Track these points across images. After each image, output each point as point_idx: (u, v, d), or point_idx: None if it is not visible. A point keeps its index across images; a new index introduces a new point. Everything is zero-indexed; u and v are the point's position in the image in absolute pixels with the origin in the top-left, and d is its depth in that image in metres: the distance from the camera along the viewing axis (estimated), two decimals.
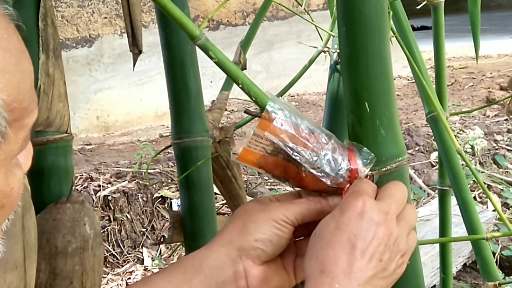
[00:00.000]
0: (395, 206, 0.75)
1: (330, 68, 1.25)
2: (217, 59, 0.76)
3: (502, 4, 11.05)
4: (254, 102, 0.77)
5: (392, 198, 0.75)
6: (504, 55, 6.71)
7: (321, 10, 5.64)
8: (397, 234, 0.74)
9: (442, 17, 1.26)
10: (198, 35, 0.75)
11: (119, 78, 4.73)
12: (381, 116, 0.78)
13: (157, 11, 1.15)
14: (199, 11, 5.09)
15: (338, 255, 0.71)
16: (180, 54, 1.12)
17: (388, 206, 0.74)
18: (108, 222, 3.11)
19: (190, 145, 1.15)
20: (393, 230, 0.74)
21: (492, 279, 1.20)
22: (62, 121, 1.05)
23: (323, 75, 1.37)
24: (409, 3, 1.38)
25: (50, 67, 1.03)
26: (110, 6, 4.72)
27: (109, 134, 4.69)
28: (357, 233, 0.71)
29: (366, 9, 0.75)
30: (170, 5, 0.75)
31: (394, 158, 0.80)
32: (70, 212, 1.04)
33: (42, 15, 1.02)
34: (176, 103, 1.14)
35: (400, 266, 0.75)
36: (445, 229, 1.41)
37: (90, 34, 4.66)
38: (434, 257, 2.60)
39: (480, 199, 3.49)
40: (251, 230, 0.77)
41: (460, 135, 4.01)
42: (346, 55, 0.78)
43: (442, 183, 1.39)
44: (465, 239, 1.72)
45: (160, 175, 3.32)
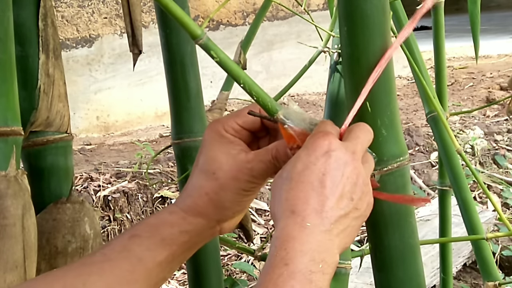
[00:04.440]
0: (361, 147, 0.74)
1: (330, 68, 1.25)
2: (219, 58, 0.76)
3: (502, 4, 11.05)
4: (256, 102, 0.77)
5: (357, 139, 0.74)
6: (504, 55, 6.71)
7: (321, 10, 5.64)
8: (364, 174, 0.73)
9: (442, 17, 1.26)
10: (199, 34, 0.75)
11: (119, 78, 4.73)
12: (382, 116, 0.78)
13: (157, 11, 1.14)
14: (199, 11, 5.09)
15: (308, 194, 0.69)
16: (180, 54, 1.12)
17: (354, 147, 0.73)
18: (108, 222, 3.10)
19: (190, 145, 1.15)
20: (361, 170, 0.72)
21: (492, 279, 1.20)
22: (62, 121, 1.05)
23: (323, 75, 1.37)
24: (409, 3, 1.38)
25: (50, 67, 1.03)
26: (110, 6, 4.72)
27: (109, 134, 4.69)
28: (326, 172, 0.70)
29: (367, 8, 0.75)
30: (171, 5, 0.75)
31: (395, 157, 0.80)
32: (70, 212, 1.04)
33: (42, 15, 1.02)
34: (176, 103, 1.14)
35: (368, 207, 0.73)
36: (445, 229, 1.41)
37: (90, 34, 4.65)
38: (434, 257, 2.59)
39: (480, 199, 3.49)
40: (227, 205, 0.78)
41: (460, 135, 4.01)
42: (347, 55, 0.78)
43: (442, 183, 1.39)
44: (465, 239, 1.72)
45: (160, 175, 3.32)
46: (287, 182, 0.71)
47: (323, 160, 0.70)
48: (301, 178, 0.70)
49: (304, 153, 0.72)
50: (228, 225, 0.81)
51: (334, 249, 0.69)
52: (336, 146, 0.71)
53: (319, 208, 0.69)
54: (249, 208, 0.85)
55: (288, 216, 0.69)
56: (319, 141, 0.71)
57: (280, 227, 0.69)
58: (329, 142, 0.71)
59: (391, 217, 0.81)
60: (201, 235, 0.80)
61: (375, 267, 0.84)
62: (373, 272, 0.84)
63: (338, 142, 0.72)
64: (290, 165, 0.72)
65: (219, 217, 0.79)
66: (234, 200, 0.78)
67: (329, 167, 0.70)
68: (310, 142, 0.72)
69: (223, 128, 0.79)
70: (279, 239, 0.68)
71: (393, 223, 0.81)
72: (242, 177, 0.77)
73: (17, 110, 0.89)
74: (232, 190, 0.78)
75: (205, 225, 0.79)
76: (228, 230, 0.82)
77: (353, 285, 2.40)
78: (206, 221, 0.79)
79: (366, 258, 0.99)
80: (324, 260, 0.67)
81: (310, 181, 0.70)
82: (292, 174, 0.71)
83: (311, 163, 0.70)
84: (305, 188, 0.70)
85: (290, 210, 0.69)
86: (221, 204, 0.78)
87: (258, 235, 3.13)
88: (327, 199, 0.69)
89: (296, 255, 0.66)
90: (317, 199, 0.69)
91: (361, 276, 2.38)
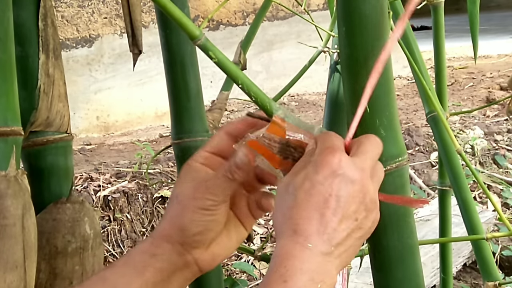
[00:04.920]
0: (370, 163, 0.73)
1: (330, 68, 1.25)
2: (217, 59, 0.76)
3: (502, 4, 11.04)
4: (254, 102, 0.77)
5: (367, 154, 0.73)
6: (504, 55, 6.71)
7: (321, 10, 5.64)
8: (372, 191, 0.72)
9: (442, 17, 1.27)
10: (198, 35, 0.75)
11: (119, 78, 4.73)
12: (381, 116, 0.78)
13: (157, 11, 1.15)
14: (199, 11, 5.09)
15: (312, 215, 0.69)
16: (180, 54, 1.12)
17: (363, 163, 0.72)
18: (108, 222, 3.10)
19: (190, 145, 1.15)
20: (369, 188, 0.72)
21: (492, 279, 1.20)
22: (62, 121, 1.05)
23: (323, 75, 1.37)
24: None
25: (50, 67, 1.03)
26: (110, 6, 4.72)
27: (109, 134, 4.69)
28: (333, 193, 0.69)
29: (366, 9, 0.75)
30: (170, 5, 0.75)
31: (394, 158, 0.80)
32: (70, 212, 1.04)
33: (42, 15, 1.02)
34: (176, 103, 1.14)
35: (373, 223, 0.73)
36: (445, 229, 1.41)
37: (90, 34, 4.65)
38: (434, 257, 2.59)
39: (480, 199, 3.49)
40: (187, 226, 0.78)
41: (460, 135, 4.01)
42: (346, 55, 0.78)
43: (442, 183, 1.39)
44: (465, 239, 1.72)
45: (160, 175, 3.32)
46: (292, 198, 0.71)
47: (330, 181, 0.70)
48: (307, 197, 0.70)
49: (312, 171, 0.71)
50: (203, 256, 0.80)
51: (333, 271, 0.69)
52: (345, 164, 0.70)
53: (322, 229, 0.69)
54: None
55: (290, 235, 0.69)
56: (327, 158, 0.71)
57: (281, 244, 0.69)
58: (338, 160, 0.70)
59: (389, 218, 0.81)
60: (171, 262, 0.79)
61: (374, 268, 0.84)
62: (372, 272, 0.84)
63: (347, 159, 0.71)
64: (298, 182, 0.71)
65: (182, 239, 0.79)
66: (192, 219, 0.78)
67: (337, 187, 0.70)
68: (319, 159, 0.71)
69: (193, 160, 0.81)
70: (279, 257, 0.68)
71: (392, 224, 0.81)
72: (198, 195, 0.78)
73: (17, 110, 0.89)
74: (191, 209, 0.78)
75: (171, 248, 0.79)
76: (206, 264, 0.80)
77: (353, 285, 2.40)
78: (171, 244, 0.79)
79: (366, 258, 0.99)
80: (323, 281, 0.68)
81: (315, 201, 0.69)
82: (298, 191, 0.71)
83: (318, 183, 0.70)
84: (309, 208, 0.69)
85: (292, 229, 0.69)
86: (181, 225, 0.79)
87: (258, 235, 3.13)
88: (331, 221, 0.69)
89: (296, 273, 0.66)
90: (320, 220, 0.69)
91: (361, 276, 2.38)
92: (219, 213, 0.79)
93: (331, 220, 0.69)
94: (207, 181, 0.78)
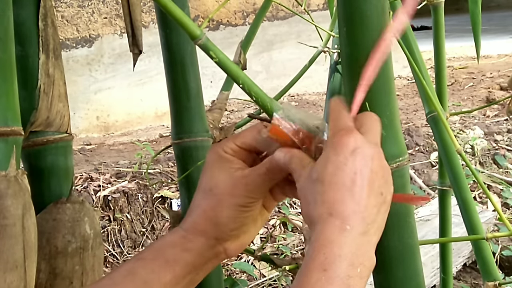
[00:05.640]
0: (378, 137, 0.75)
1: (330, 68, 1.25)
2: (218, 59, 0.76)
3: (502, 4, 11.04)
4: (255, 102, 0.77)
5: (373, 129, 0.75)
6: (504, 55, 6.71)
7: (321, 10, 5.64)
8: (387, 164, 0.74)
9: (442, 17, 1.27)
10: (199, 35, 0.75)
11: (119, 78, 4.73)
12: (382, 116, 0.78)
13: (157, 11, 1.14)
14: (199, 11, 5.09)
15: (344, 196, 0.69)
16: (180, 54, 1.12)
17: (374, 138, 0.74)
18: (108, 222, 3.10)
19: (190, 145, 1.15)
20: (384, 161, 0.73)
21: (492, 279, 1.20)
22: (62, 121, 1.05)
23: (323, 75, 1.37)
24: None
25: (50, 67, 1.03)
26: (110, 6, 4.72)
27: (109, 134, 4.69)
28: (357, 171, 0.70)
29: (367, 9, 0.75)
30: (170, 5, 0.75)
31: (394, 158, 0.80)
32: (70, 212, 1.04)
33: (42, 15, 1.02)
34: (176, 103, 1.14)
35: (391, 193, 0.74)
36: (445, 229, 1.41)
37: (90, 34, 4.65)
38: (434, 257, 2.59)
39: (480, 199, 3.49)
40: (224, 222, 0.78)
41: (460, 135, 4.01)
42: (347, 55, 0.78)
43: (442, 183, 1.39)
44: (465, 239, 1.72)
45: (160, 175, 3.32)
46: (319, 184, 0.71)
47: (352, 159, 0.70)
48: (334, 179, 0.70)
49: (332, 153, 0.71)
50: (232, 246, 0.81)
51: (371, 251, 0.70)
52: (362, 141, 0.71)
53: (356, 208, 0.69)
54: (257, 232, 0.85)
55: (326, 219, 0.69)
56: (344, 139, 0.71)
57: (318, 230, 0.69)
58: (354, 139, 0.71)
59: (390, 218, 0.81)
60: (203, 255, 0.80)
61: (375, 268, 0.84)
62: (372, 272, 0.84)
63: (362, 137, 0.72)
64: (320, 167, 0.71)
65: (217, 235, 0.79)
66: (230, 216, 0.79)
67: (359, 165, 0.70)
68: (336, 141, 0.72)
69: (222, 149, 0.80)
70: (317, 242, 0.68)
71: (392, 224, 0.81)
72: (237, 192, 0.78)
73: (17, 110, 0.89)
74: (228, 205, 0.78)
75: (205, 243, 0.79)
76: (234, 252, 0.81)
77: None
78: (205, 239, 0.79)
79: None
80: (363, 263, 0.68)
81: (344, 181, 0.70)
82: (323, 175, 0.71)
83: (341, 163, 0.70)
84: (340, 189, 0.69)
85: (327, 212, 0.69)
86: (217, 221, 0.79)
87: (258, 235, 3.13)
88: (362, 199, 0.69)
89: (335, 260, 0.66)
90: (353, 199, 0.69)
91: None
92: (256, 208, 0.80)
93: (362, 198, 0.69)
94: (246, 178, 0.78)
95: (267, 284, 2.82)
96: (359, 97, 0.76)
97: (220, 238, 0.80)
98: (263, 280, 2.82)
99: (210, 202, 0.79)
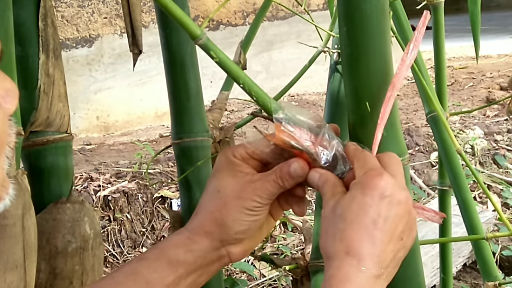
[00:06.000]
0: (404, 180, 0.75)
1: (330, 68, 1.25)
2: (218, 59, 0.76)
3: (502, 4, 11.04)
4: (255, 102, 0.77)
5: (400, 173, 0.75)
6: (504, 55, 6.71)
7: (321, 10, 5.64)
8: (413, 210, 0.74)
9: (442, 17, 1.26)
10: (199, 34, 0.75)
11: (119, 78, 4.73)
12: None
13: (157, 11, 1.14)
14: (199, 11, 5.09)
15: (363, 237, 0.70)
16: (180, 54, 1.12)
17: (402, 182, 0.74)
18: (108, 222, 3.10)
19: (190, 145, 1.15)
20: (411, 208, 0.74)
21: (492, 279, 1.20)
22: (62, 121, 1.05)
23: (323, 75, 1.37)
24: (409, 3, 1.38)
25: (50, 67, 1.03)
26: (110, 6, 4.72)
27: (109, 134, 4.69)
28: (381, 214, 0.71)
29: (367, 9, 0.75)
30: (170, 5, 0.75)
31: None
32: (70, 212, 1.04)
33: (42, 15, 1.02)
34: (176, 103, 1.14)
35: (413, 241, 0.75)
36: (445, 229, 1.41)
37: (90, 34, 4.65)
38: (434, 257, 2.59)
39: (480, 199, 3.49)
40: (230, 224, 0.79)
41: (460, 135, 4.01)
42: (347, 55, 0.78)
43: (442, 183, 1.39)
44: (465, 239, 1.72)
45: (160, 175, 3.32)
46: (341, 221, 0.72)
47: (378, 202, 0.71)
48: (356, 219, 0.71)
49: (359, 193, 0.72)
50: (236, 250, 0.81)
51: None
52: (392, 186, 0.72)
53: (373, 251, 0.70)
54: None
55: (343, 257, 0.70)
56: (375, 181, 0.72)
57: (335, 266, 0.70)
58: (385, 182, 0.72)
59: None
60: (206, 257, 0.80)
61: None
62: None
63: (394, 181, 0.72)
64: (345, 204, 0.72)
65: (222, 237, 0.79)
66: (236, 218, 0.79)
67: (385, 209, 0.71)
68: (366, 182, 0.72)
69: (232, 154, 0.80)
70: (336, 279, 0.69)
71: None
72: (245, 196, 0.78)
73: (17, 110, 0.89)
74: (235, 208, 0.78)
75: (209, 245, 0.80)
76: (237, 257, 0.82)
77: None
78: (209, 240, 0.80)
79: None
80: None
81: (365, 222, 0.71)
82: (346, 213, 0.72)
83: (366, 204, 0.71)
84: (360, 229, 0.71)
85: (344, 251, 0.70)
86: (223, 223, 0.79)
87: None
88: (381, 243, 0.70)
89: None
90: (371, 241, 0.70)
91: None
92: (263, 213, 0.80)
93: (381, 242, 0.70)
94: (255, 182, 0.79)
95: (267, 284, 2.82)
96: (378, 137, 0.76)
97: (224, 240, 0.80)
98: (263, 280, 2.82)
99: (217, 204, 0.79)
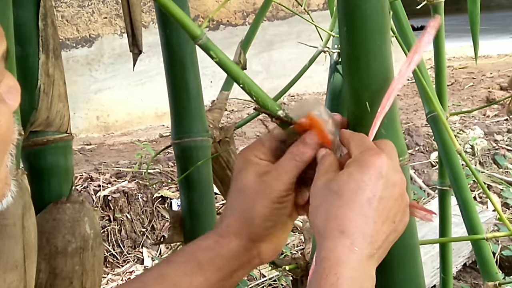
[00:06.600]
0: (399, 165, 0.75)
1: (330, 68, 1.25)
2: (218, 59, 0.76)
3: (502, 4, 11.04)
4: (255, 102, 0.77)
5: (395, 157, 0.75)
6: (504, 55, 6.71)
7: (321, 10, 5.64)
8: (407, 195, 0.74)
9: (442, 17, 1.26)
10: (199, 34, 0.75)
11: (119, 78, 4.73)
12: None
13: (157, 11, 1.14)
14: (199, 11, 5.09)
15: (358, 216, 0.69)
16: (180, 54, 1.12)
17: (398, 166, 0.74)
18: (108, 222, 3.11)
19: (190, 145, 1.15)
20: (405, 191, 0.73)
21: (492, 279, 1.20)
22: (62, 121, 1.05)
23: (323, 75, 1.37)
24: (409, 3, 1.38)
25: (50, 67, 1.03)
26: (110, 6, 4.72)
27: (109, 134, 4.69)
28: (377, 194, 0.70)
29: (367, 8, 0.75)
30: (170, 5, 0.75)
31: None
32: (70, 212, 1.04)
33: (42, 15, 1.02)
34: (176, 103, 1.14)
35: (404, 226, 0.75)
36: (445, 229, 1.41)
37: (90, 34, 4.65)
38: (434, 257, 2.59)
39: (480, 199, 3.49)
40: (258, 222, 0.78)
41: (460, 135, 4.01)
42: (347, 55, 0.78)
43: (442, 183, 1.39)
44: (465, 239, 1.72)
45: (160, 175, 3.32)
46: (337, 198, 0.71)
47: (375, 181, 0.71)
48: (352, 197, 0.70)
49: (357, 171, 0.71)
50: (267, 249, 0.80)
51: (373, 274, 0.71)
52: (389, 167, 0.71)
53: (367, 231, 0.69)
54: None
55: (336, 236, 0.69)
56: (373, 159, 0.71)
57: (328, 247, 0.69)
58: (382, 161, 0.71)
59: None
60: (237, 259, 0.79)
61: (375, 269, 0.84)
62: None
63: (390, 162, 0.72)
64: (341, 181, 0.71)
65: (250, 235, 0.78)
66: (263, 213, 0.78)
67: (381, 189, 0.71)
68: (363, 160, 0.72)
69: (252, 153, 0.80)
70: (329, 261, 0.68)
71: None
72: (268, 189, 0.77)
73: (17, 110, 0.89)
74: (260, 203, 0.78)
75: (239, 245, 0.79)
76: (268, 256, 0.81)
77: None
78: (239, 240, 0.79)
79: None
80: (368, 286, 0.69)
81: (361, 202, 0.70)
82: (343, 190, 0.71)
83: (364, 183, 0.70)
84: (356, 208, 0.70)
85: (339, 230, 0.69)
86: (251, 221, 0.78)
87: None
88: (374, 223, 0.70)
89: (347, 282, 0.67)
90: (366, 222, 0.70)
91: None
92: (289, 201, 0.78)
93: (375, 222, 0.70)
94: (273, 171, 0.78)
95: (267, 284, 2.82)
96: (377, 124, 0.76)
97: (254, 239, 0.79)
98: (263, 280, 2.82)
99: (242, 202, 0.79)
